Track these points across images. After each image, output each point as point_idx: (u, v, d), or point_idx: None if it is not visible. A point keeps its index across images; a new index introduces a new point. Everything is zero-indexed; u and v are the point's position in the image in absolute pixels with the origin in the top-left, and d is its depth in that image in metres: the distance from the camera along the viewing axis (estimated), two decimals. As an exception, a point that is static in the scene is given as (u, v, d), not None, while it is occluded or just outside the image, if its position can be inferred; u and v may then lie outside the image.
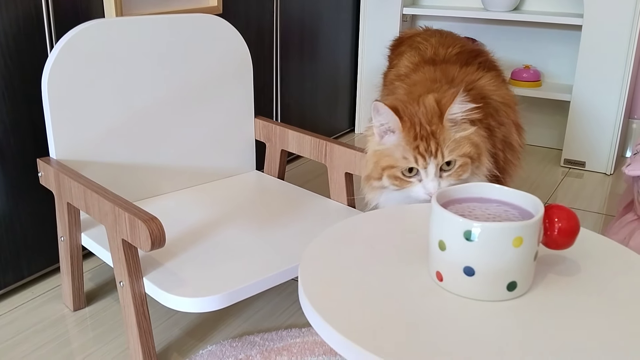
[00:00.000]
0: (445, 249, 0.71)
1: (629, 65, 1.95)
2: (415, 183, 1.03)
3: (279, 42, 1.94)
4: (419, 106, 1.04)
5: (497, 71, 1.32)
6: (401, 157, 1.02)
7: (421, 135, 1.01)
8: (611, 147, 2.05)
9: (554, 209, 0.74)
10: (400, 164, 1.02)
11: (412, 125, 1.02)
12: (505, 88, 1.26)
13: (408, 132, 1.02)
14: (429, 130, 1.01)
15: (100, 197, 0.99)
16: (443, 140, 1.02)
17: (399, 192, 1.05)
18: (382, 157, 1.05)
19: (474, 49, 1.37)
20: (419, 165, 1.01)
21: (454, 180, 1.03)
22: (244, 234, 1.15)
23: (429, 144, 1.01)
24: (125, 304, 1.01)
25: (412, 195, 1.05)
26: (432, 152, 1.01)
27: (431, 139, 1.01)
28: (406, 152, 1.02)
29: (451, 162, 1.03)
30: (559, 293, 0.73)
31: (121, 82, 1.21)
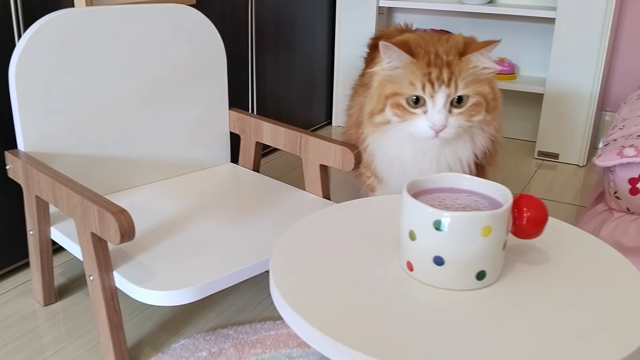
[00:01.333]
0: (416, 238, 0.71)
1: (601, 58, 1.97)
2: (420, 115, 0.93)
3: (255, 34, 1.93)
4: (440, 40, 0.95)
5: None
6: (408, 82, 0.92)
7: (435, 62, 0.91)
8: (584, 139, 2.07)
9: (523, 198, 0.75)
10: (405, 91, 0.92)
11: (426, 54, 0.92)
12: None
13: (421, 59, 0.92)
14: (445, 60, 0.92)
15: (68, 190, 0.98)
16: (459, 71, 0.91)
17: (402, 126, 0.95)
18: (387, 84, 0.95)
19: None
20: (425, 93, 0.91)
21: (464, 119, 0.93)
22: (217, 227, 1.14)
23: (441, 72, 0.91)
24: (95, 298, 1.00)
25: (414, 131, 0.95)
26: (445, 81, 0.90)
27: (445, 67, 0.91)
28: (415, 77, 0.91)
29: (463, 98, 0.92)
30: (528, 282, 0.74)
31: (91, 73, 1.19)
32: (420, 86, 0.91)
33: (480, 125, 0.99)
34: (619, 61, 2.17)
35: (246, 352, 1.08)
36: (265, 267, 1.03)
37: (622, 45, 2.15)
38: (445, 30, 2.33)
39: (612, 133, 1.43)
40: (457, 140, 1.00)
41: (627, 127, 1.41)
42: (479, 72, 0.94)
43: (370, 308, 0.68)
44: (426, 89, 0.91)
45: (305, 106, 2.32)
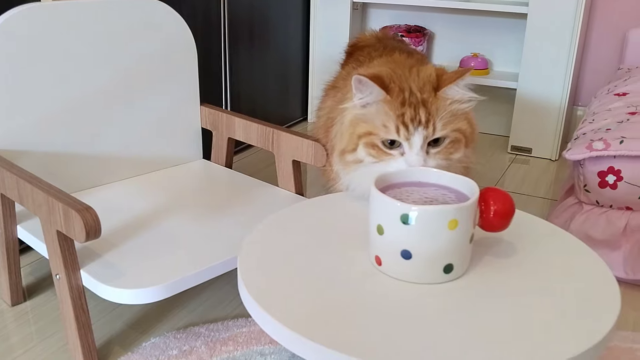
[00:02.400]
0: (383, 233, 0.71)
1: (572, 53, 1.99)
2: (397, 156, 0.86)
3: (227, 29, 1.91)
4: (412, 74, 0.90)
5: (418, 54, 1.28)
6: (381, 124, 0.86)
7: (410, 101, 0.86)
8: (556, 133, 2.09)
9: (490, 191, 0.75)
10: (379, 133, 0.86)
11: (400, 91, 0.87)
12: None
13: (395, 98, 0.86)
14: (419, 97, 0.86)
15: (33, 187, 0.96)
16: (436, 110, 0.86)
17: (377, 166, 0.88)
18: (359, 124, 0.89)
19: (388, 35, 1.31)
20: (400, 136, 0.85)
21: (442, 158, 0.88)
22: (188, 224, 1.13)
23: (417, 112, 0.85)
24: (62, 298, 0.98)
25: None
26: (421, 122, 0.85)
27: (421, 107, 0.86)
28: (388, 119, 0.86)
29: (440, 138, 0.87)
30: (496, 275, 0.74)
31: (58, 68, 1.17)
32: (394, 129, 0.85)
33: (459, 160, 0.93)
34: (590, 56, 2.20)
35: (218, 349, 1.07)
36: (236, 264, 1.02)
37: (593, 41, 2.18)
38: (420, 27, 2.34)
39: (582, 127, 1.45)
40: None
41: (596, 121, 1.43)
42: (457, 108, 0.89)
43: (338, 303, 0.68)
44: (401, 131, 0.85)
45: (280, 102, 2.31)
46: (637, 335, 1.15)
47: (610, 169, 1.27)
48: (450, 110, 0.87)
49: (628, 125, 1.33)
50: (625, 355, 1.09)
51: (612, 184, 1.27)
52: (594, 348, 0.62)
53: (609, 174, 1.27)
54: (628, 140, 1.25)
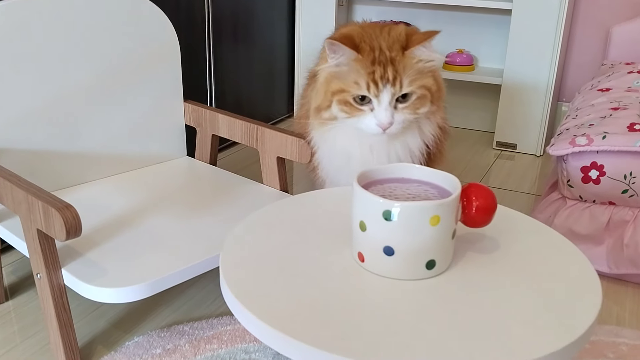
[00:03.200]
0: (366, 229, 0.71)
1: (556, 49, 2.00)
2: (367, 112, 0.93)
3: (212, 25, 1.90)
4: (382, 33, 0.94)
5: None
6: (353, 81, 0.92)
7: (379, 60, 0.91)
8: (540, 129, 2.10)
9: (472, 187, 0.75)
10: (351, 89, 0.92)
11: (370, 50, 0.92)
12: None
13: (366, 56, 0.91)
14: (388, 56, 0.91)
15: (12, 186, 0.94)
16: (403, 68, 0.91)
17: (350, 121, 0.95)
18: (333, 80, 0.94)
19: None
20: (370, 92, 0.91)
21: (410, 113, 0.94)
22: (171, 222, 1.12)
23: (386, 70, 0.91)
24: (43, 297, 0.97)
25: (362, 127, 0.95)
26: (389, 80, 0.91)
27: (390, 65, 0.91)
28: (359, 76, 0.91)
29: (408, 94, 0.93)
30: (478, 270, 0.74)
31: (39, 64, 1.15)
32: (365, 86, 0.91)
33: (427, 115, 0.99)
34: (574, 52, 2.21)
35: (202, 347, 1.06)
36: (215, 264, 1.02)
37: (577, 36, 2.19)
38: (406, 23, 2.34)
39: (565, 123, 1.46)
40: (406, 132, 1.01)
41: (579, 117, 1.44)
42: (423, 66, 0.94)
43: (321, 300, 0.67)
44: (371, 88, 0.91)
45: (266, 99, 2.30)
46: (620, 330, 1.16)
47: (593, 164, 1.27)
48: (416, 68, 0.92)
49: (611, 120, 1.34)
50: (609, 349, 1.10)
51: (595, 179, 1.28)
52: (575, 342, 0.62)
53: (592, 169, 1.27)
54: (610, 136, 1.25)
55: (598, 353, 1.08)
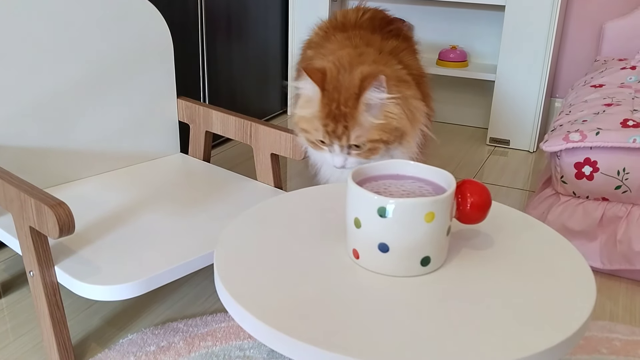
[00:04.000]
0: (361, 226, 0.71)
1: (550, 45, 2.00)
2: (327, 151, 1.05)
3: (205, 21, 1.89)
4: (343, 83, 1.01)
5: (410, 42, 1.30)
6: (313, 128, 1.03)
7: (333, 114, 1.00)
8: (534, 125, 2.11)
9: (466, 184, 0.75)
10: (312, 133, 1.04)
11: (328, 102, 1.01)
12: (417, 59, 1.26)
13: (323, 108, 1.01)
14: (342, 111, 1.00)
15: (4, 183, 0.94)
16: (352, 124, 1.00)
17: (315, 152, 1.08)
18: (301, 120, 1.06)
19: (385, 16, 1.34)
20: (326, 141, 1.03)
21: (363, 158, 1.03)
22: (164, 219, 1.11)
23: (337, 126, 1.00)
24: (36, 295, 0.96)
25: (325, 159, 1.08)
26: (338, 135, 1.01)
27: (341, 121, 1.00)
28: (318, 125, 1.02)
29: (360, 145, 1.02)
30: (472, 267, 0.74)
31: (29, 59, 1.14)
32: (322, 135, 1.02)
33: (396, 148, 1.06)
34: (567, 48, 2.21)
35: (196, 345, 1.06)
36: (209, 261, 1.01)
37: (570, 32, 2.19)
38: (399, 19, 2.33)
39: (558, 119, 1.46)
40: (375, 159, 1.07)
41: (573, 113, 1.44)
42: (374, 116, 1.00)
43: (316, 297, 0.67)
44: (326, 138, 1.02)
45: (259, 95, 2.29)
46: (614, 325, 1.16)
47: (586, 160, 1.28)
48: (364, 126, 1.00)
49: (604, 116, 1.34)
50: (602, 344, 1.10)
51: (588, 175, 1.28)
52: (569, 339, 0.62)
53: (585, 165, 1.28)
54: (604, 132, 1.26)
55: (592, 349, 1.09)
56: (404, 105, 1.03)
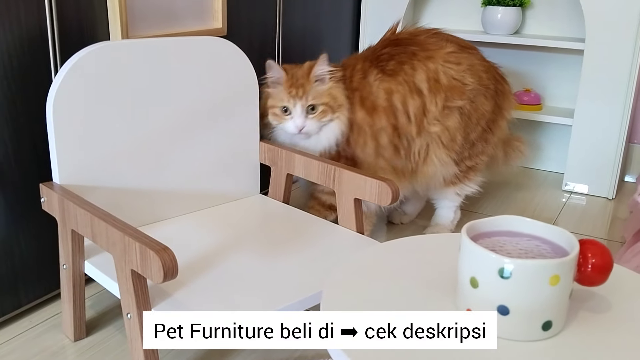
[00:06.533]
0: (478, 286, 0.69)
1: (630, 89, 1.95)
2: (288, 120, 1.42)
3: (281, 64, 1.92)
4: (300, 69, 1.45)
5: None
6: (279, 98, 1.43)
7: (295, 85, 1.42)
8: (613, 171, 2.04)
9: (587, 244, 0.72)
10: (278, 104, 1.42)
11: (290, 78, 1.43)
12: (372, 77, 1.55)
13: (287, 82, 1.43)
14: (300, 82, 1.42)
15: (108, 226, 0.96)
16: (308, 88, 1.42)
17: (279, 127, 1.44)
18: (269, 99, 1.45)
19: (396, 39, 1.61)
20: (289, 104, 1.41)
21: (317, 121, 1.43)
22: (253, 262, 1.11)
23: (297, 90, 1.41)
24: (132, 338, 0.97)
25: (286, 130, 1.43)
26: (300, 96, 1.41)
27: (300, 87, 1.42)
28: (284, 95, 1.42)
29: (315, 107, 1.42)
30: (593, 332, 0.71)
31: (126, 105, 1.18)
32: (286, 99, 1.42)
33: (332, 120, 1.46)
34: (646, 93, 2.15)
35: (283, 393, 1.05)
36: (306, 306, 1.00)
37: (650, 77, 2.13)
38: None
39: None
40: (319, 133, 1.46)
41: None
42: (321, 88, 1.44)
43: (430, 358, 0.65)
44: (289, 101, 1.41)
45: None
46: None
47: (686, 214, 1.22)
48: (316, 90, 1.43)
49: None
50: None
51: (688, 230, 1.22)
52: None
53: (685, 219, 1.22)
54: None
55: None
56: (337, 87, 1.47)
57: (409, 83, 1.50)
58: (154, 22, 1.41)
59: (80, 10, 1.24)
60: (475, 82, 1.56)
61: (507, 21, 2.14)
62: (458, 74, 1.53)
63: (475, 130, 1.59)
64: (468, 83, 1.54)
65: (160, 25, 1.43)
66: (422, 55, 1.52)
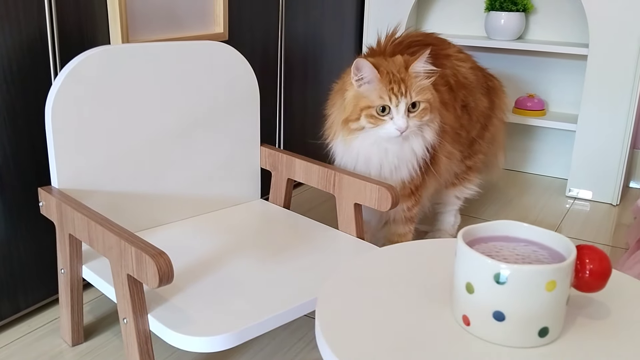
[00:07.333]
0: (474, 291, 0.68)
1: (635, 95, 1.94)
2: (388, 121, 1.26)
3: (284, 69, 1.93)
4: (389, 62, 1.29)
5: None
6: (378, 97, 1.25)
7: (394, 80, 1.25)
8: (617, 177, 2.03)
9: (585, 249, 0.71)
10: (376, 103, 1.25)
11: (387, 74, 1.26)
12: None
13: (384, 78, 1.25)
14: (399, 77, 1.26)
15: (105, 230, 0.95)
16: (410, 85, 1.26)
17: (372, 131, 1.27)
18: (361, 99, 1.27)
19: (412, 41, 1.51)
20: (392, 103, 1.25)
21: (418, 120, 1.28)
22: (252, 267, 1.11)
23: (400, 87, 1.25)
24: (128, 342, 0.97)
25: (383, 134, 1.27)
26: (403, 93, 1.25)
27: (401, 83, 1.25)
28: (382, 92, 1.25)
29: (416, 104, 1.27)
30: (592, 339, 0.70)
31: (126, 109, 1.18)
32: (388, 98, 1.24)
33: (428, 123, 1.32)
34: (651, 98, 2.13)
35: (281, 400, 1.04)
36: (305, 311, 1.00)
37: (654, 83, 2.11)
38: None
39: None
40: (412, 137, 1.32)
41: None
42: (422, 83, 1.28)
43: (427, 365, 0.64)
44: (392, 100, 1.24)
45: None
46: None
47: (689, 220, 1.20)
48: (419, 85, 1.27)
49: None
50: None
51: (691, 236, 1.21)
52: None
53: (688, 225, 1.21)
54: None
55: None
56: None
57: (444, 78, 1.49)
58: (155, 26, 1.41)
59: (81, 14, 1.24)
60: (475, 80, 1.56)
61: (510, 26, 2.13)
62: (467, 71, 1.54)
63: (475, 128, 1.59)
64: (472, 80, 1.55)
65: (161, 30, 1.43)
66: (442, 54, 1.52)
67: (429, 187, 1.48)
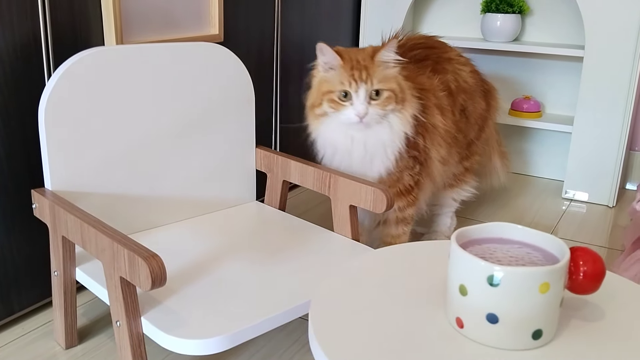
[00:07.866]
0: (467, 294, 0.67)
1: (630, 97, 1.94)
2: (348, 106, 1.26)
3: (279, 70, 1.92)
4: (358, 52, 1.29)
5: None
6: (339, 82, 1.26)
7: (357, 67, 1.25)
8: (613, 179, 2.03)
9: (578, 251, 0.71)
10: (337, 88, 1.26)
11: (349, 60, 1.26)
12: (426, 77, 1.45)
13: (346, 64, 1.26)
14: (362, 64, 1.26)
15: (97, 232, 0.95)
16: (373, 72, 1.25)
17: (335, 116, 1.28)
18: (323, 84, 1.29)
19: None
20: (351, 88, 1.25)
21: (380, 109, 1.27)
22: (247, 269, 1.10)
23: (361, 73, 1.24)
24: (121, 345, 0.96)
25: (344, 119, 1.27)
26: (363, 79, 1.24)
27: (363, 70, 1.25)
28: (343, 78, 1.25)
29: (379, 92, 1.26)
30: (585, 341, 0.69)
31: (120, 111, 1.18)
32: (348, 83, 1.24)
33: (394, 113, 1.29)
34: (647, 100, 2.14)
35: (275, 403, 1.03)
36: (299, 313, 0.99)
37: (650, 84, 2.12)
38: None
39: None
40: (378, 126, 1.30)
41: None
42: (387, 72, 1.27)
43: (420, 368, 0.64)
44: (352, 85, 1.24)
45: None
46: None
47: (684, 222, 1.20)
48: (383, 74, 1.26)
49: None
50: None
51: (686, 238, 1.21)
52: None
53: (684, 227, 1.21)
54: None
55: None
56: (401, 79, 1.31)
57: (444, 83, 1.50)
58: (149, 28, 1.41)
59: (74, 15, 1.24)
60: (474, 83, 1.57)
61: (506, 28, 2.13)
62: (467, 75, 1.55)
63: (473, 129, 1.59)
64: (472, 84, 1.55)
65: (156, 32, 1.43)
66: (444, 58, 1.52)
67: (424, 189, 1.48)
